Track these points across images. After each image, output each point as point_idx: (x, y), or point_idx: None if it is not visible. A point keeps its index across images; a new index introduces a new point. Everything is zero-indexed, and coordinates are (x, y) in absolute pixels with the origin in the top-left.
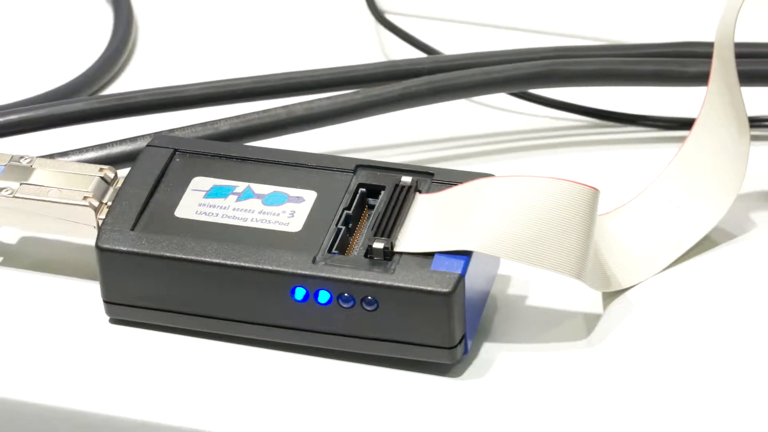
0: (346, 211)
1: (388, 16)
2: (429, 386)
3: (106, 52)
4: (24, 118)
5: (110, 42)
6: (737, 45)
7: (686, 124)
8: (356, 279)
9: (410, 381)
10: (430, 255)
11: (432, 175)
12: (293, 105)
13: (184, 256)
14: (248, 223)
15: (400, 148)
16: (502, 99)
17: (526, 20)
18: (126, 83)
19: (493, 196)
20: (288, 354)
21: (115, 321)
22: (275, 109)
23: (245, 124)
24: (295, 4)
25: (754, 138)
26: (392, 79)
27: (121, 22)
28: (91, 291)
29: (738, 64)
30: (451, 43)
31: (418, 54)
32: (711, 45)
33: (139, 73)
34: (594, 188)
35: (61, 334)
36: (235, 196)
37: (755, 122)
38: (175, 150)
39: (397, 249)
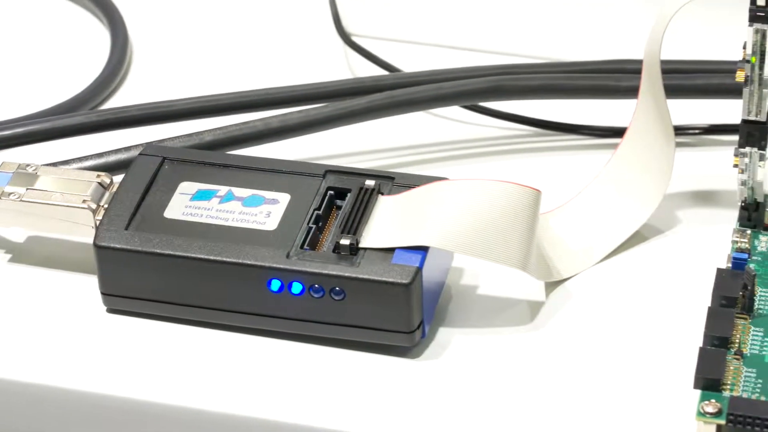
0: (316, 212)
1: (355, 38)
2: (391, 367)
3: (103, 72)
4: (30, 131)
5: (107, 63)
6: (663, 62)
7: (619, 132)
8: (325, 272)
9: (374, 362)
10: (391, 250)
11: (393, 178)
12: (269, 118)
13: (172, 253)
14: (229, 223)
15: (364, 155)
16: (455, 111)
17: (477, 41)
18: (121, 99)
19: (447, 197)
20: (265, 339)
21: (111, 311)
22: (253, 121)
23: (227, 135)
24: (271, 28)
25: (678, 144)
26: (358, 94)
27: (118, 45)
28: (90, 284)
29: (664, 79)
30: (410, 62)
31: (380, 71)
32: (640, 62)
33: (133, 90)
34: (536, 190)
35: (63, 322)
36: (218, 199)
37: (680, 130)
38: (164, 158)
39: (361, 245)
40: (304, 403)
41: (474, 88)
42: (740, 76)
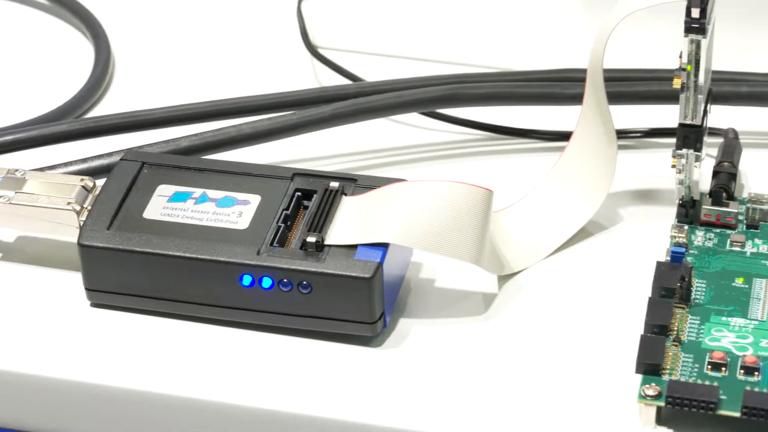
0: (284, 212)
1: (321, 51)
2: (354, 355)
3: (87, 83)
4: (18, 138)
5: (91, 74)
6: (606, 71)
7: (565, 136)
8: (293, 267)
9: (339, 351)
10: (354, 246)
11: (355, 180)
12: (242, 124)
13: (151, 251)
14: (204, 222)
15: (329, 159)
16: (414, 117)
17: (434, 52)
18: (104, 108)
19: (406, 197)
20: (237, 330)
21: (95, 305)
22: (227, 128)
23: (202, 141)
24: (244, 41)
25: (620, 147)
26: (323, 102)
27: (101, 58)
28: (75, 280)
29: (606, 86)
30: (372, 72)
31: (344, 81)
32: (584, 71)
33: (115, 100)
34: (489, 190)
35: (51, 316)
36: (193, 200)
37: (621, 134)
38: (144, 163)
39: (327, 242)
40: (274, 389)
41: (431, 96)
42: (677, 83)
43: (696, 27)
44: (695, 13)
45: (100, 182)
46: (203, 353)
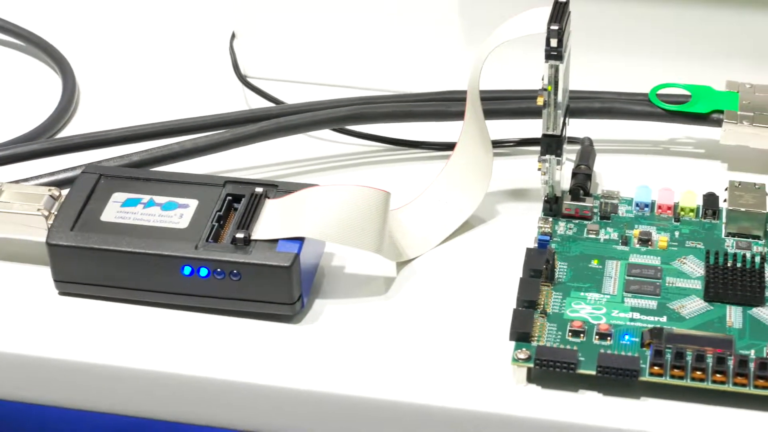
0: (218, 213)
1: (249, 79)
2: (277, 331)
3: (56, 110)
4: None
5: (59, 103)
6: (482, 91)
7: (451, 146)
8: (225, 259)
9: (264, 328)
10: (275, 241)
11: (277, 186)
12: (184, 141)
13: (107, 247)
14: (151, 223)
15: (255, 169)
16: (326, 133)
17: (342, 79)
18: (70, 131)
19: (319, 199)
20: (180, 312)
21: (62, 294)
22: (171, 144)
23: (150, 156)
24: (185, 73)
25: (496, 154)
26: (251, 122)
27: (67, 89)
28: (45, 274)
29: (483, 105)
30: (291, 96)
31: (269, 104)
32: (465, 92)
33: (79, 123)
34: (386, 192)
35: (24, 303)
36: (142, 205)
37: (496, 143)
38: (101, 175)
39: (253, 237)
40: (210, 360)
41: (341, 115)
42: (540, 101)
43: (554, 54)
44: (553, 43)
45: (65, 191)
46: (152, 331)
